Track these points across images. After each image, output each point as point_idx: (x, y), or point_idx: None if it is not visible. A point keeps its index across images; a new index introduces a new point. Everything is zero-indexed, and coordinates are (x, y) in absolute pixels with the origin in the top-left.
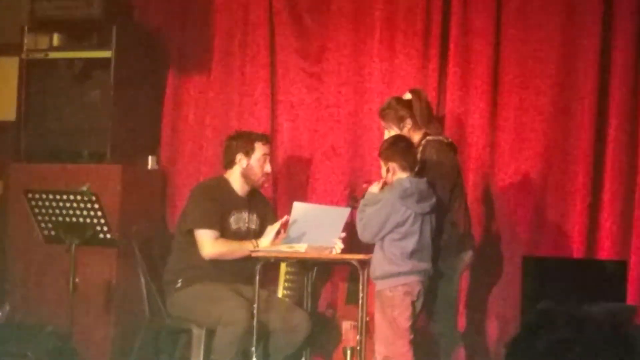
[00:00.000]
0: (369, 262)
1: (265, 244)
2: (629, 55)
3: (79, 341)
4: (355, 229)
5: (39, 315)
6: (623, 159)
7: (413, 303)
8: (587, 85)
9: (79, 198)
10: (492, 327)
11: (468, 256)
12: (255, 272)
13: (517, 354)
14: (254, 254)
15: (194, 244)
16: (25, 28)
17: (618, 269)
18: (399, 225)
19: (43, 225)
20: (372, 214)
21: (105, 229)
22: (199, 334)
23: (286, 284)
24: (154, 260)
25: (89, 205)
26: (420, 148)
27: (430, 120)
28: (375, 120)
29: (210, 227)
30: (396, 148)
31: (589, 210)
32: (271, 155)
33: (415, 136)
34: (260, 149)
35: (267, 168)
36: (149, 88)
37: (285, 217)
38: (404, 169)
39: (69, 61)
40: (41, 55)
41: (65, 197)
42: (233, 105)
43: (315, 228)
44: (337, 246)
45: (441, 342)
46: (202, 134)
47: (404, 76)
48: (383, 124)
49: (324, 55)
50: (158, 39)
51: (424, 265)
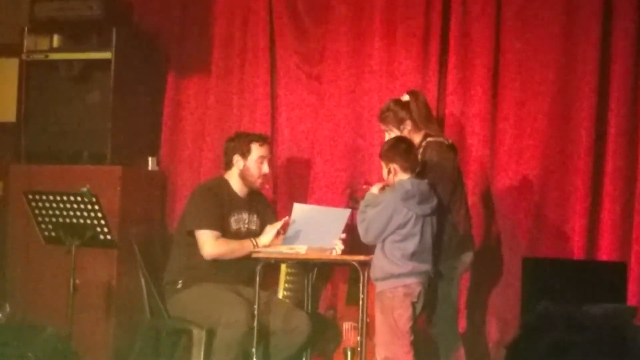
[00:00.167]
0: (369, 263)
1: (265, 242)
2: (629, 57)
3: (79, 342)
4: (355, 230)
5: (39, 316)
6: (623, 160)
7: (413, 304)
8: (587, 87)
9: (79, 199)
10: (492, 328)
11: (468, 257)
12: (256, 273)
13: (517, 356)
14: (255, 255)
15: (194, 245)
16: (26, 29)
17: (618, 270)
18: (401, 226)
19: (43, 226)
20: (374, 215)
21: (106, 230)
22: (199, 334)
23: (286, 285)
24: (154, 262)
25: (89, 207)
26: (420, 149)
27: (430, 121)
28: (375, 122)
29: (211, 228)
30: (397, 149)
31: (589, 212)
32: (271, 157)
33: (416, 137)
34: (256, 150)
35: (265, 169)
36: (148, 89)
37: (286, 218)
38: (406, 170)
39: (69, 62)
40: (41, 57)
41: (65, 199)
42: (233, 107)
43: (315, 229)
44: (338, 247)
45: (441, 343)
46: (202, 136)
47: (404, 78)
48: (383, 126)
49: (323, 57)
50: (158, 41)
51: (425, 267)
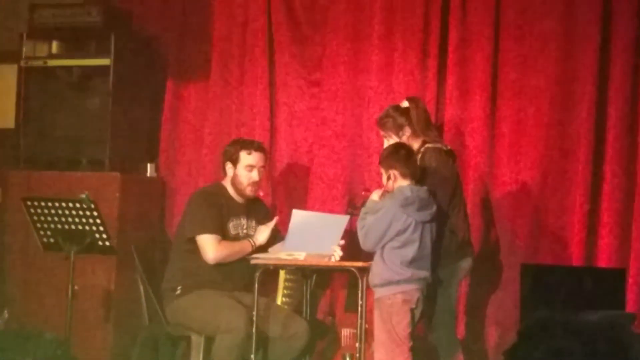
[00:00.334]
0: (368, 270)
1: (261, 240)
2: (628, 63)
3: (78, 348)
4: (354, 236)
5: (37, 322)
6: (622, 166)
7: (412, 310)
8: (586, 93)
9: (78, 206)
10: (491, 335)
11: (467, 263)
12: (255, 280)
13: None
14: (254, 261)
15: (193, 251)
16: (24, 35)
17: (617, 276)
18: (400, 233)
19: (42, 232)
20: (374, 222)
21: (104, 236)
22: (197, 341)
23: (285, 292)
24: (153, 268)
25: (88, 213)
26: (419, 155)
27: (429, 127)
28: (374, 128)
29: (212, 232)
30: (397, 156)
31: (588, 218)
32: (264, 164)
33: (414, 144)
34: (244, 159)
35: (254, 177)
36: (147, 96)
37: (277, 218)
38: (405, 177)
39: (67, 69)
40: (40, 63)
41: (64, 205)
42: (232, 113)
43: (314, 235)
44: (336, 253)
45: (440, 350)
46: (201, 142)
47: (403, 84)
48: (382, 132)
49: (322, 63)
50: (157, 47)
51: (423, 273)
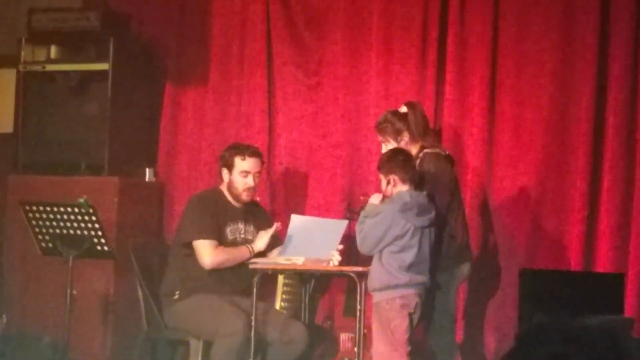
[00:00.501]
0: (366, 274)
1: (260, 247)
2: (626, 66)
3: (77, 353)
4: (353, 241)
5: (36, 327)
6: (620, 170)
7: (410, 315)
8: (584, 97)
9: (77, 210)
10: (490, 339)
11: (466, 268)
12: (253, 284)
13: None
14: (252, 266)
15: (191, 256)
16: (23, 40)
17: (615, 281)
18: (398, 238)
19: (40, 237)
20: (372, 226)
21: (103, 241)
22: (196, 345)
23: (284, 296)
24: (152, 272)
25: (87, 218)
26: (418, 161)
27: (427, 132)
28: (372, 133)
29: (208, 238)
30: (396, 161)
31: (587, 223)
32: (259, 170)
33: (413, 149)
34: (239, 164)
35: (249, 183)
36: (146, 100)
37: (278, 224)
38: (405, 182)
39: (66, 73)
40: (38, 68)
41: (62, 210)
42: (230, 117)
43: (312, 240)
44: (335, 258)
45: (438, 354)
46: (200, 146)
47: (401, 88)
48: (380, 137)
49: (321, 67)
50: (155, 51)
51: (422, 278)
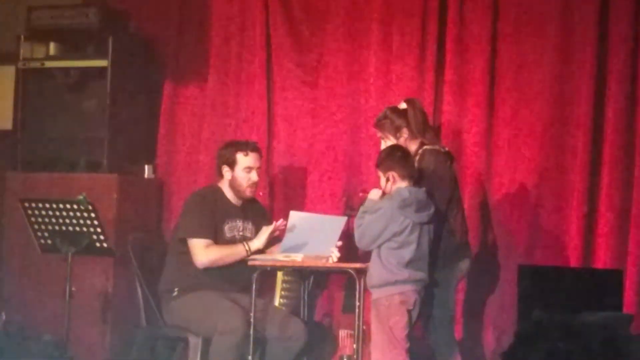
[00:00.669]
0: (365, 271)
1: (258, 245)
2: (625, 66)
3: (76, 350)
4: (351, 237)
5: (35, 324)
6: (619, 168)
7: (409, 312)
8: (584, 95)
9: (76, 207)
10: (489, 336)
11: (465, 265)
12: (252, 281)
13: None
14: (251, 263)
15: (189, 252)
16: (22, 37)
17: (614, 278)
18: (397, 234)
19: (39, 234)
20: (371, 221)
21: (102, 237)
22: (195, 342)
23: (283, 293)
24: (151, 269)
25: (86, 215)
26: (417, 157)
27: (426, 129)
28: (372, 130)
29: (202, 236)
30: (394, 157)
31: (585, 219)
32: (261, 165)
33: (412, 146)
34: (242, 161)
35: (253, 178)
36: (145, 97)
37: (280, 221)
38: (404, 178)
39: (65, 70)
40: (37, 65)
41: (61, 206)
42: (229, 115)
43: (311, 237)
44: (334, 255)
45: (437, 351)
46: (199, 143)
47: (400, 85)
48: (379, 134)
49: (320, 65)
50: (154, 48)
51: (421, 275)
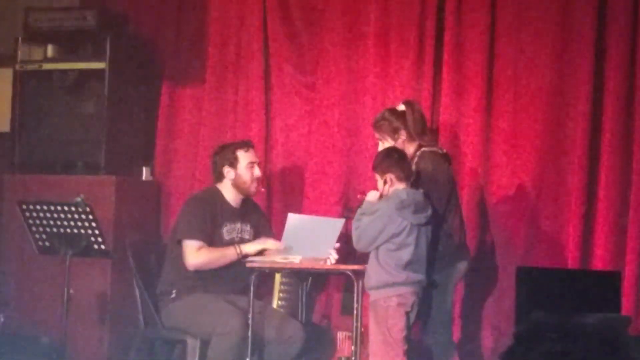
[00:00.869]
0: (363, 273)
1: (248, 250)
2: (623, 65)
3: (74, 352)
4: (349, 239)
5: (33, 326)
6: (617, 169)
7: (407, 314)
8: (581, 96)
9: (73, 209)
10: (487, 338)
11: (463, 266)
12: (250, 283)
13: None
14: (249, 265)
15: None
16: (19, 39)
17: (612, 279)
18: (395, 236)
19: (37, 236)
20: (368, 223)
21: (100, 239)
22: (193, 344)
23: (281, 295)
24: (148, 271)
25: (83, 216)
26: (415, 159)
27: (424, 131)
28: (369, 131)
29: (195, 238)
30: (391, 160)
31: (584, 221)
32: (261, 161)
33: (410, 147)
34: (244, 157)
35: (257, 173)
36: (143, 99)
37: (283, 245)
38: (401, 180)
39: (63, 72)
40: (35, 67)
41: (59, 208)
42: (227, 116)
43: (309, 239)
44: (332, 257)
45: (435, 353)
46: (197, 145)
47: (398, 87)
48: (377, 135)
49: (318, 66)
50: (152, 50)
51: (419, 277)
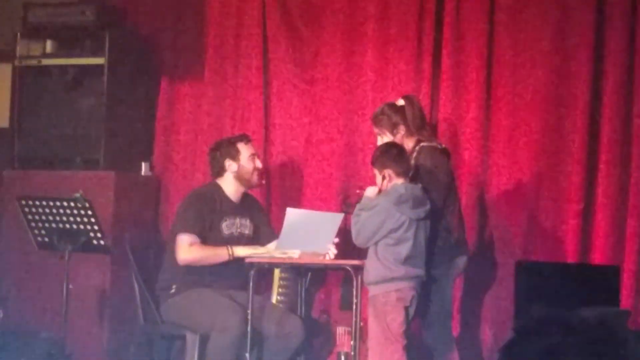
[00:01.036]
0: (362, 268)
1: (240, 253)
2: (622, 64)
3: (73, 347)
4: (348, 234)
5: (33, 321)
6: (616, 163)
7: (406, 309)
8: (580, 91)
9: (73, 205)
10: (486, 332)
11: (462, 262)
12: (249, 278)
13: (511, 359)
14: (248, 260)
15: None
16: (18, 35)
17: (611, 273)
18: (393, 230)
19: (37, 232)
20: (367, 218)
21: (99, 235)
22: (193, 339)
23: (280, 290)
24: (148, 267)
25: (83, 212)
26: (414, 154)
27: (423, 126)
28: (369, 127)
29: (188, 232)
30: (390, 155)
31: (583, 215)
32: (261, 157)
33: (409, 142)
34: (245, 149)
35: (258, 164)
36: (142, 94)
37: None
38: (399, 175)
39: (62, 68)
40: (34, 62)
41: (58, 204)
42: (226, 112)
43: (308, 234)
44: (331, 252)
45: (435, 348)
46: (196, 140)
47: (397, 82)
48: (376, 130)
49: (317, 62)
50: (151, 46)
51: (418, 271)
